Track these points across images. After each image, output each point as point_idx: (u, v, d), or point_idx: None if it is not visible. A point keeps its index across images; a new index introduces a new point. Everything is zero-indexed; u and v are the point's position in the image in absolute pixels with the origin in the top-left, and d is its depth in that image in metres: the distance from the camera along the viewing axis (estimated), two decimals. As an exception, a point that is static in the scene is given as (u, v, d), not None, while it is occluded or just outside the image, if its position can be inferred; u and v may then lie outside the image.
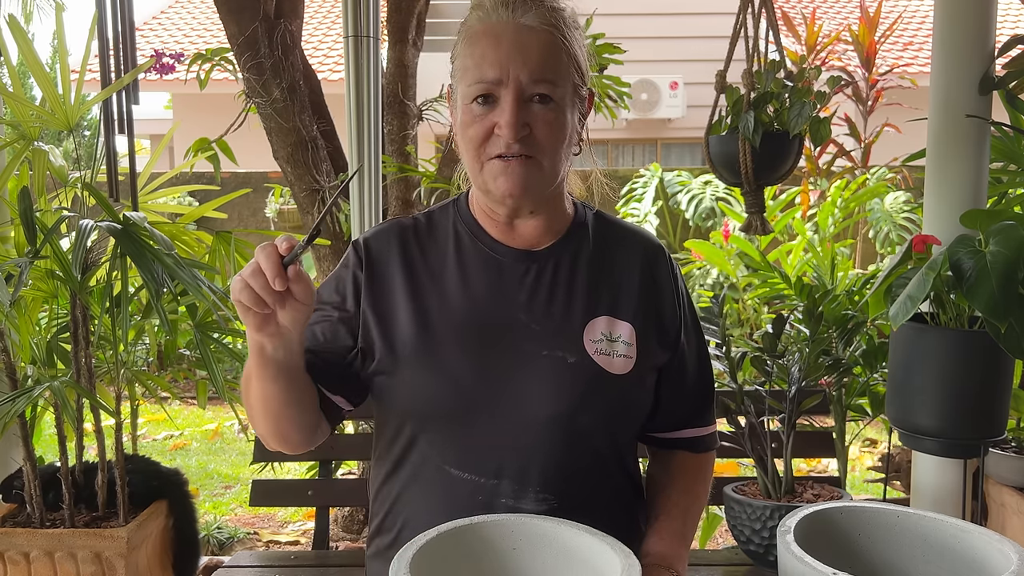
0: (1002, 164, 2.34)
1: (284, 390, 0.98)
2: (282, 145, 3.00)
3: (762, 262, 3.32)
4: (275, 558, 1.91)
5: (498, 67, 0.99)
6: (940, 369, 1.73)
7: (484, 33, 1.01)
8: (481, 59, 1.00)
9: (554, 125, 1.01)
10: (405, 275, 1.09)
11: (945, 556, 0.84)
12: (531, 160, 1.01)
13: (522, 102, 0.99)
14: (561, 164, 1.05)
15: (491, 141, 1.01)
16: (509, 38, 1.00)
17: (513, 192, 1.02)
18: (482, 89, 1.00)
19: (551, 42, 1.00)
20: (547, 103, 1.01)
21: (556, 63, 1.01)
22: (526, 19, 1.00)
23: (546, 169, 1.03)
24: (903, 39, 9.36)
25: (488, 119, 1.00)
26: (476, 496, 1.03)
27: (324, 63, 9.13)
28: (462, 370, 1.03)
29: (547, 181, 1.04)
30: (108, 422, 2.04)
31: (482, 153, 1.02)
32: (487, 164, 1.02)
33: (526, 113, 1.00)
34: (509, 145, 1.00)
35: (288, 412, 1.01)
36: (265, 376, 0.96)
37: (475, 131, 1.01)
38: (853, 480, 3.82)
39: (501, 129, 0.99)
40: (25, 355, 2.07)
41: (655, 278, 1.14)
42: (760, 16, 2.12)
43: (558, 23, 1.02)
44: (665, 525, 1.12)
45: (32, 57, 1.96)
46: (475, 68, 1.01)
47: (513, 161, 1.01)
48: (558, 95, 1.01)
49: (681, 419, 1.19)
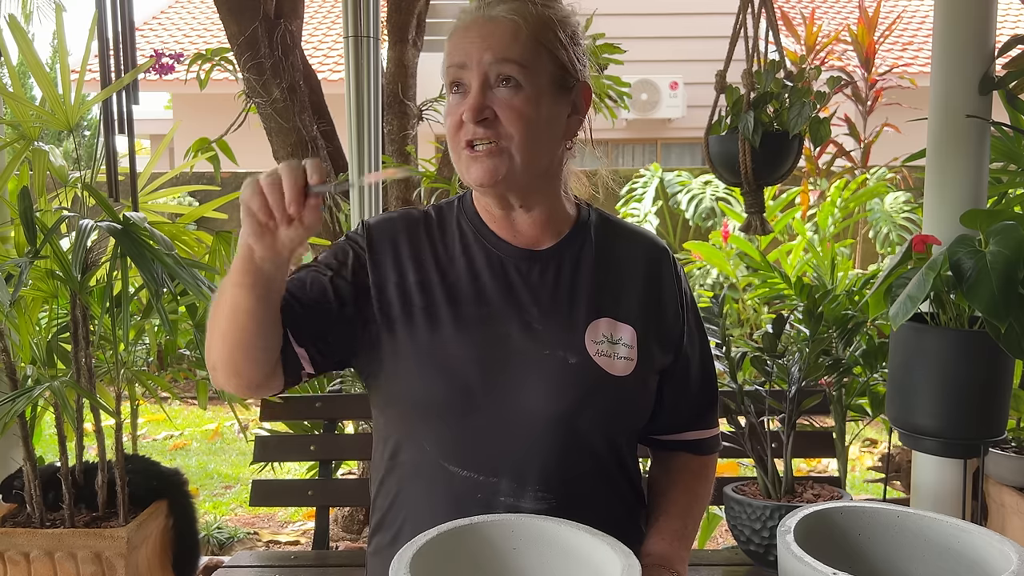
0: (1002, 164, 2.34)
1: (256, 305, 0.94)
2: (282, 145, 3.00)
3: (762, 262, 3.32)
4: (275, 558, 1.91)
5: (463, 52, 1.01)
6: (940, 369, 1.73)
7: (457, 28, 1.04)
8: (453, 49, 1.03)
9: (521, 110, 1.00)
10: (413, 267, 1.08)
11: (945, 556, 0.84)
12: (497, 147, 1.00)
13: (487, 87, 1.00)
14: (537, 154, 1.03)
15: (462, 129, 1.01)
16: (475, 26, 1.02)
17: (484, 181, 1.01)
18: (452, 75, 1.02)
19: (516, 29, 1.01)
20: (514, 87, 1.00)
21: (521, 47, 1.00)
22: (493, 11, 1.02)
23: (516, 158, 1.01)
24: (903, 39, 9.36)
25: (459, 108, 1.01)
26: (475, 494, 1.03)
27: (324, 63, 9.13)
28: (463, 368, 1.03)
29: (520, 171, 1.02)
30: (108, 422, 2.04)
31: (456, 143, 1.03)
32: (462, 154, 1.02)
33: (491, 97, 1.00)
34: (474, 131, 1.00)
35: (249, 335, 0.96)
36: (243, 283, 0.92)
37: (450, 121, 1.03)
38: (853, 480, 3.82)
39: (465, 114, 1.00)
40: (25, 355, 2.07)
41: (658, 280, 1.14)
42: (760, 16, 2.12)
43: (526, 14, 1.02)
44: (666, 525, 1.12)
45: (32, 57, 1.96)
46: (447, 57, 1.03)
47: (481, 150, 1.01)
48: (528, 81, 1.00)
49: (684, 422, 1.19)
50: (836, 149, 5.23)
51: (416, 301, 1.06)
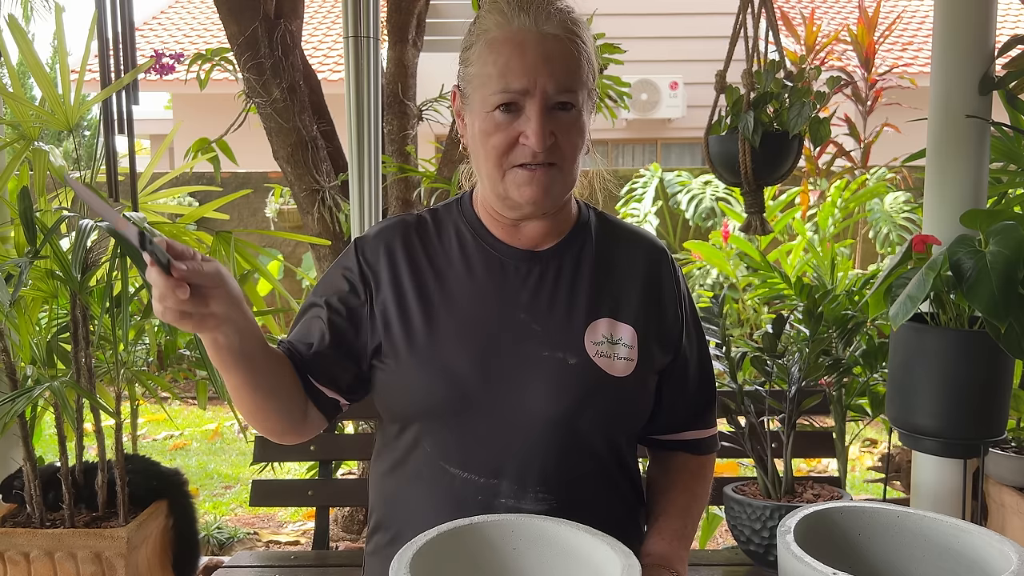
0: (1002, 164, 2.34)
1: (250, 377, 0.97)
2: (282, 145, 3.00)
3: (762, 262, 3.32)
4: (275, 558, 1.91)
5: (524, 77, 0.98)
6: (940, 369, 1.73)
7: (507, 41, 1.00)
8: (506, 68, 0.99)
9: (575, 132, 1.02)
10: (408, 272, 1.09)
11: (945, 556, 0.84)
12: (554, 168, 1.02)
13: (547, 111, 1.00)
14: (578, 168, 1.07)
15: (516, 150, 1.01)
16: (533, 48, 0.99)
17: (537, 200, 1.02)
18: (507, 99, 1.00)
19: (573, 51, 1.01)
20: (569, 110, 1.01)
21: (578, 71, 1.01)
22: (548, 27, 1.00)
23: (567, 174, 1.04)
24: (903, 39, 9.36)
25: (512, 128, 1.00)
26: (476, 496, 1.03)
27: (324, 63, 9.13)
28: (463, 369, 1.03)
29: (567, 186, 1.06)
30: (108, 422, 2.04)
31: (504, 162, 1.02)
32: (510, 172, 1.02)
33: (551, 122, 1.00)
34: (535, 155, 1.00)
35: (260, 402, 1.01)
36: (227, 366, 0.95)
37: (498, 140, 1.01)
38: (853, 480, 3.82)
39: (528, 139, 0.99)
40: (25, 355, 2.07)
41: (657, 281, 1.14)
42: (760, 16, 2.12)
43: (577, 29, 1.02)
44: (665, 525, 1.12)
45: (32, 57, 1.96)
46: (499, 77, 0.99)
47: (539, 171, 1.01)
48: (578, 101, 1.02)
49: (682, 422, 1.19)
50: (836, 149, 5.23)
51: (414, 305, 1.07)
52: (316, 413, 1.09)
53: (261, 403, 1.01)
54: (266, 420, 1.04)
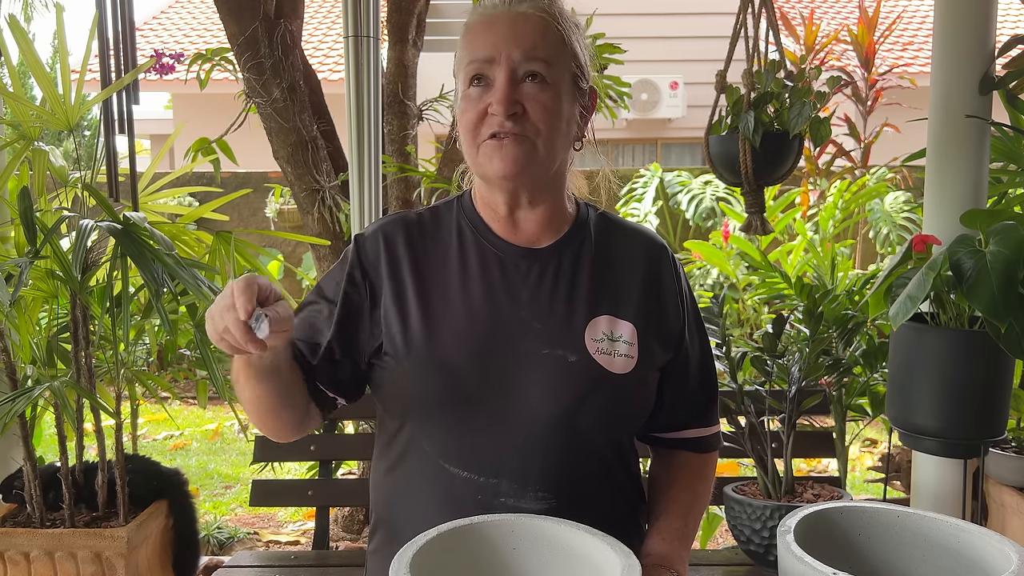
0: (1002, 164, 2.34)
1: (272, 390, 1.00)
2: (282, 145, 3.00)
3: (762, 262, 3.32)
4: (275, 558, 1.91)
5: (490, 47, 1.01)
6: (940, 369, 1.73)
7: (479, 23, 1.04)
8: (475, 43, 1.02)
9: (548, 106, 1.01)
10: (409, 269, 1.09)
11: (945, 556, 0.84)
12: (525, 139, 1.01)
13: (515, 81, 1.00)
14: (557, 150, 1.05)
15: (485, 122, 1.01)
16: (503, 22, 1.02)
17: (507, 171, 1.02)
18: (475, 69, 1.02)
19: (544, 26, 1.02)
20: (541, 83, 1.01)
21: (549, 45, 1.02)
22: (520, 7, 1.03)
23: (540, 151, 1.02)
24: (903, 39, 9.36)
25: (482, 101, 1.01)
26: (476, 495, 1.03)
27: (324, 63, 9.13)
28: (462, 367, 1.03)
29: (542, 164, 1.04)
30: (108, 422, 2.04)
31: (477, 136, 1.03)
32: (482, 146, 1.03)
33: (518, 92, 1.00)
34: (502, 123, 1.00)
35: (277, 408, 1.04)
36: (253, 379, 0.98)
37: (471, 114, 1.02)
38: (853, 480, 3.83)
39: (493, 107, 1.00)
40: (25, 355, 2.07)
41: (658, 277, 1.14)
42: (760, 16, 2.12)
43: (553, 12, 1.03)
44: (666, 525, 1.12)
45: (32, 57, 1.96)
46: (469, 52, 1.03)
47: (506, 139, 1.01)
48: (552, 77, 1.02)
49: (683, 419, 1.19)
50: (836, 149, 5.23)
51: (414, 302, 1.06)
52: (316, 411, 1.11)
53: (273, 410, 1.04)
54: (275, 424, 1.07)
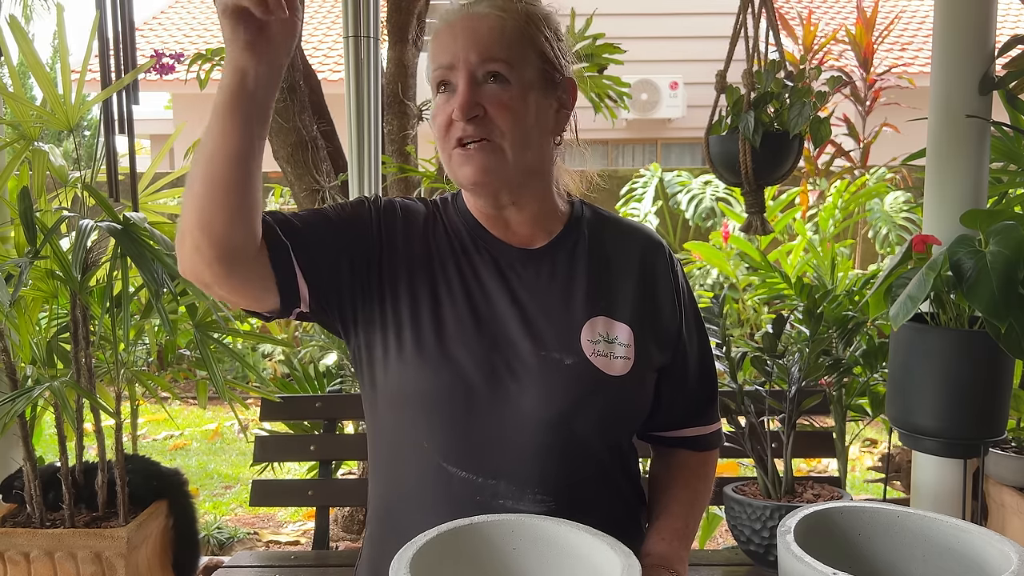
0: (1002, 164, 2.34)
1: (243, 142, 0.86)
2: (282, 145, 3.00)
3: (762, 262, 3.32)
4: (275, 558, 1.91)
5: (449, 52, 1.00)
6: (940, 369, 1.73)
7: (441, 27, 1.03)
8: (437, 48, 1.02)
9: (511, 106, 1.00)
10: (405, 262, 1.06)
11: (945, 556, 0.84)
12: (490, 144, 1.00)
13: (474, 84, 0.99)
14: (530, 149, 1.03)
15: (452, 128, 1.01)
16: (460, 25, 1.01)
17: (477, 179, 1.01)
18: (439, 76, 1.01)
19: (501, 25, 1.01)
20: (502, 83, 1.00)
21: (507, 43, 1.00)
22: (477, 8, 1.02)
23: (508, 153, 1.01)
24: (902, 39, 9.36)
25: (448, 106, 1.01)
26: (474, 495, 1.02)
27: (324, 63, 9.13)
28: (459, 368, 1.02)
29: (512, 166, 1.02)
30: (108, 422, 2.04)
31: (447, 143, 1.02)
32: (453, 154, 1.02)
33: (479, 94, 0.99)
34: (464, 128, 0.99)
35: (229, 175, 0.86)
36: (233, 117, 0.85)
37: (439, 121, 1.02)
38: (853, 480, 3.83)
39: (455, 113, 0.99)
40: (25, 355, 2.07)
41: (654, 276, 1.12)
42: (760, 16, 2.12)
43: (510, 9, 1.02)
44: (666, 524, 1.12)
45: (32, 57, 1.96)
46: (433, 58, 1.03)
47: (472, 147, 1.00)
48: (515, 76, 1.01)
49: (683, 417, 1.18)
50: (835, 149, 5.23)
51: (415, 299, 1.05)
52: (269, 279, 0.96)
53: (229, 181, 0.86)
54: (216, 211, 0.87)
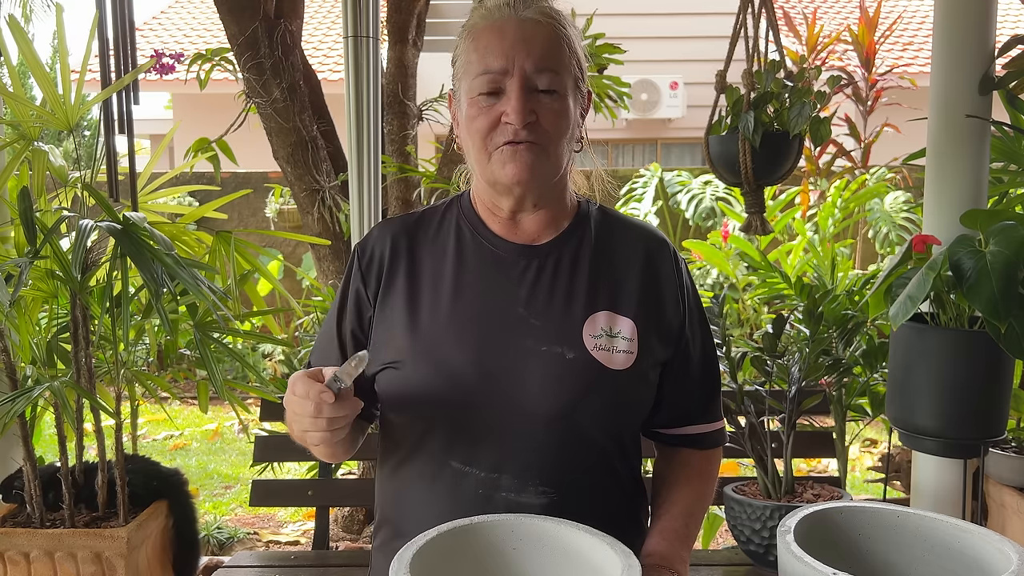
0: (1002, 164, 2.34)
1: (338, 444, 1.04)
2: (282, 145, 3.00)
3: (762, 262, 3.32)
4: (275, 558, 1.91)
5: (503, 57, 1.01)
6: (940, 369, 1.73)
7: (487, 28, 1.04)
8: (486, 51, 1.02)
9: (559, 114, 1.03)
10: (407, 271, 1.10)
11: (945, 556, 0.84)
12: (537, 147, 1.03)
13: (527, 91, 1.01)
14: (564, 156, 1.07)
15: (498, 130, 1.03)
16: (512, 30, 1.02)
17: (521, 178, 1.03)
18: (488, 80, 1.02)
19: (553, 34, 1.03)
20: (551, 93, 1.03)
21: (559, 53, 1.03)
22: (528, 13, 1.03)
23: (551, 157, 1.05)
24: (903, 39, 9.36)
25: (495, 109, 1.02)
26: (476, 489, 1.03)
27: (324, 63, 9.14)
28: (462, 365, 1.04)
29: (552, 170, 1.06)
30: (108, 422, 2.04)
31: (489, 143, 1.03)
32: (495, 153, 1.04)
33: (532, 101, 1.02)
34: (517, 132, 1.01)
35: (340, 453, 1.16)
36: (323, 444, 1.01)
37: (482, 122, 1.03)
38: (853, 480, 3.83)
39: (509, 116, 1.01)
40: (25, 355, 2.07)
41: (657, 272, 1.14)
42: (760, 16, 2.12)
43: (558, 18, 1.05)
44: (667, 524, 1.12)
45: (32, 57, 1.96)
46: (480, 60, 1.03)
47: (521, 147, 1.02)
48: (561, 86, 1.03)
49: (685, 415, 1.19)
50: (836, 149, 5.23)
51: (414, 301, 1.08)
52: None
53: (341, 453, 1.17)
54: (339, 455, 1.18)
